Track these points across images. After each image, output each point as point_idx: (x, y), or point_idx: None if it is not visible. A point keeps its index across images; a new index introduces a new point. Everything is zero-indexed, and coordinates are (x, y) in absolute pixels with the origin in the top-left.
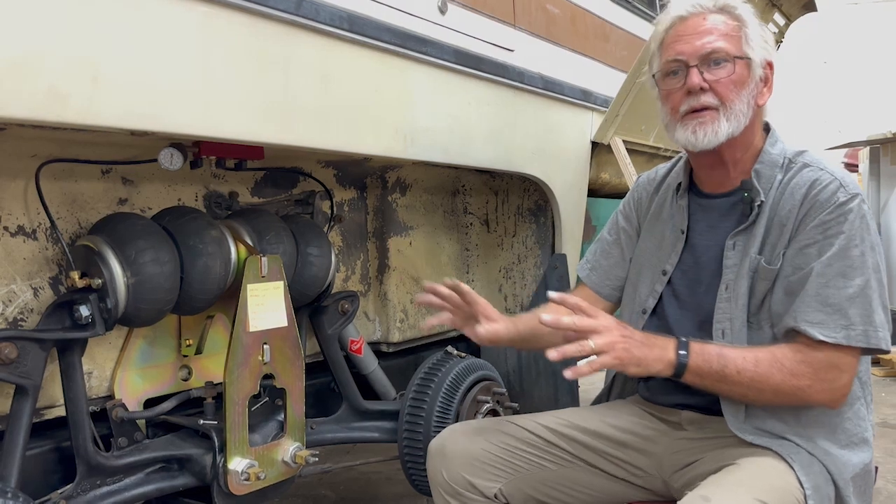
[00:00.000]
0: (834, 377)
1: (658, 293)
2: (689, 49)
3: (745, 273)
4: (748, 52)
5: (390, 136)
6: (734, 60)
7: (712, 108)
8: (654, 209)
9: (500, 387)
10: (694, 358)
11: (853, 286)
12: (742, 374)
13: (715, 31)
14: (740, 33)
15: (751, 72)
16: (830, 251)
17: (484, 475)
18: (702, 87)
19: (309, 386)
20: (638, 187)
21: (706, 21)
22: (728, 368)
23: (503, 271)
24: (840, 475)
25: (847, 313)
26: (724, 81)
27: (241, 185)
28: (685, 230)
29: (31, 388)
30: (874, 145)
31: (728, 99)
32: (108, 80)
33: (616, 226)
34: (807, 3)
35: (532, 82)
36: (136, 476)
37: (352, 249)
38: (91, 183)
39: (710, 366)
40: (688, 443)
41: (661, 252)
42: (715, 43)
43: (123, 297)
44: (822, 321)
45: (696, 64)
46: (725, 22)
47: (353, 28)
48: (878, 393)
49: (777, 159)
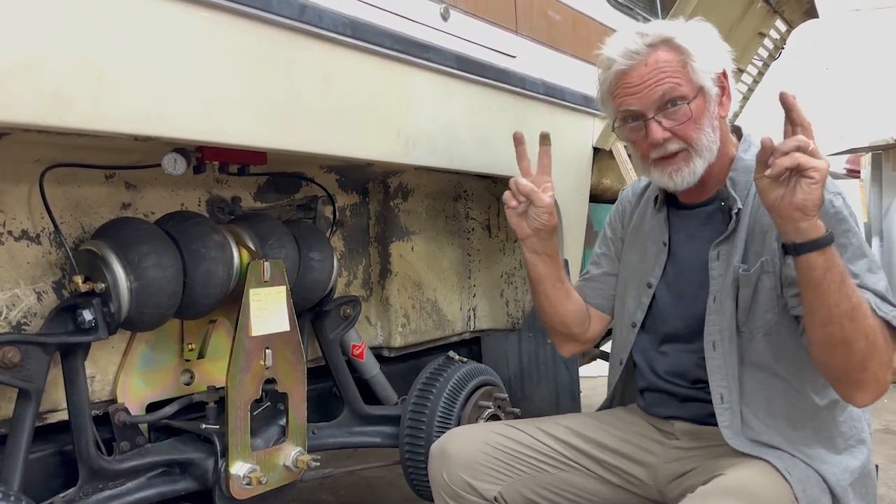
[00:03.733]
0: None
1: (645, 305)
2: (641, 103)
3: (730, 284)
4: (699, 83)
5: (392, 142)
6: (689, 98)
7: (682, 151)
8: (636, 221)
9: (501, 392)
10: (829, 250)
11: (883, 279)
12: (851, 298)
13: (661, 74)
14: (686, 68)
15: (706, 99)
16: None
17: (484, 478)
18: (665, 138)
19: (311, 390)
20: (623, 200)
21: (648, 67)
22: (847, 282)
23: (505, 276)
24: (838, 483)
25: (888, 299)
26: (684, 124)
27: (243, 190)
28: (667, 242)
29: (34, 392)
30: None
31: (692, 139)
32: (112, 85)
33: (605, 238)
34: (808, 10)
35: (534, 88)
36: (138, 480)
37: (354, 254)
38: (94, 187)
39: (839, 267)
40: (682, 452)
41: (644, 265)
42: (665, 91)
43: (126, 301)
44: (877, 304)
45: (654, 116)
46: (667, 61)
47: (355, 34)
48: (881, 399)
49: (751, 164)
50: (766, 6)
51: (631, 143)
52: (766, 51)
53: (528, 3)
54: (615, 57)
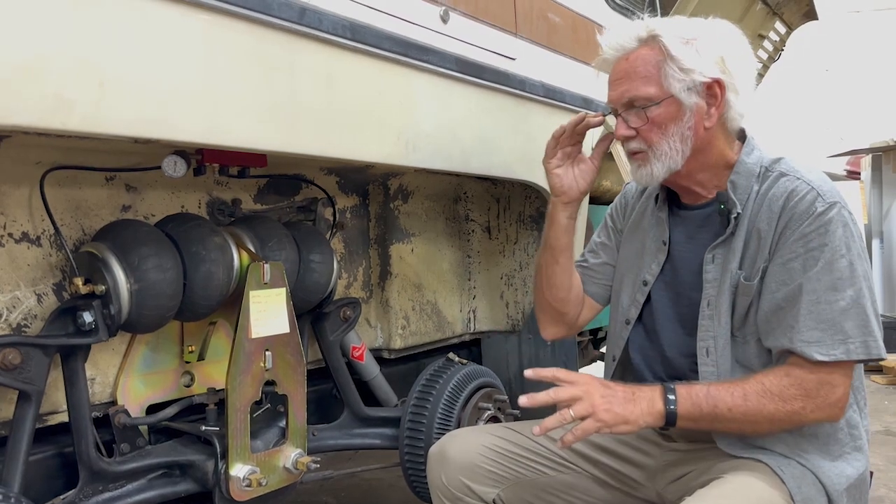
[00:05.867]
0: (827, 393)
1: (640, 303)
2: (614, 96)
3: (727, 289)
4: (670, 90)
5: (393, 144)
6: (656, 102)
7: (642, 151)
8: (636, 217)
9: (501, 393)
10: (683, 404)
11: (846, 298)
12: (734, 411)
13: (634, 75)
14: (660, 71)
15: (680, 106)
16: (817, 266)
17: (483, 480)
18: (627, 135)
19: (311, 392)
20: (626, 193)
21: (627, 63)
22: (719, 408)
23: (505, 278)
24: (833, 487)
25: (843, 328)
26: (647, 125)
27: (243, 192)
28: (667, 241)
29: (35, 394)
30: (876, 153)
31: (653, 143)
32: (113, 88)
33: (606, 227)
34: (808, 12)
35: (533, 90)
36: (139, 482)
37: (354, 256)
38: (95, 190)
39: (700, 409)
40: (679, 455)
41: (641, 261)
42: (633, 91)
43: (126, 303)
44: (819, 339)
45: (622, 112)
46: (646, 60)
47: (355, 37)
48: (881, 401)
49: (753, 168)
50: (765, 8)
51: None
52: (765, 53)
53: (528, 6)
54: (605, 46)
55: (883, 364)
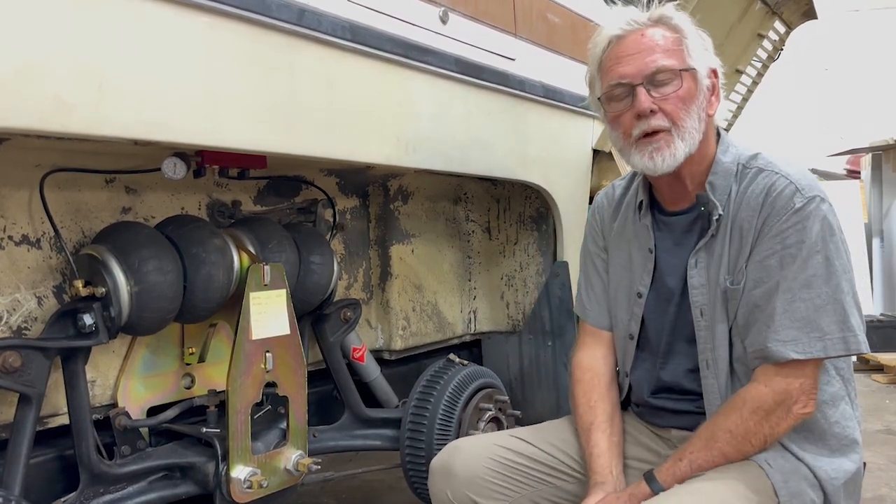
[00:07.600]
0: (787, 394)
1: (638, 316)
2: (632, 70)
3: (719, 298)
4: (692, 64)
5: (392, 145)
6: (680, 75)
7: (664, 130)
8: (617, 229)
9: (502, 394)
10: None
11: (822, 295)
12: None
13: (656, 47)
14: (681, 46)
15: (698, 84)
16: (794, 264)
17: (489, 494)
18: (651, 109)
19: (311, 394)
20: (598, 209)
21: (644, 37)
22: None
23: (505, 279)
24: (830, 481)
25: (819, 325)
26: (672, 100)
27: (243, 194)
28: (653, 249)
29: (35, 397)
30: (876, 152)
31: (678, 119)
32: (113, 90)
33: (588, 254)
34: (807, 11)
35: (533, 90)
36: (139, 484)
37: (354, 257)
38: (95, 192)
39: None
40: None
41: (632, 273)
42: (659, 61)
43: (127, 305)
44: (794, 338)
45: (642, 83)
46: (664, 36)
47: (355, 38)
48: (882, 400)
49: (730, 167)
50: (764, 7)
51: (613, 120)
52: (764, 52)
53: (527, 6)
54: (617, 22)
55: (883, 363)
